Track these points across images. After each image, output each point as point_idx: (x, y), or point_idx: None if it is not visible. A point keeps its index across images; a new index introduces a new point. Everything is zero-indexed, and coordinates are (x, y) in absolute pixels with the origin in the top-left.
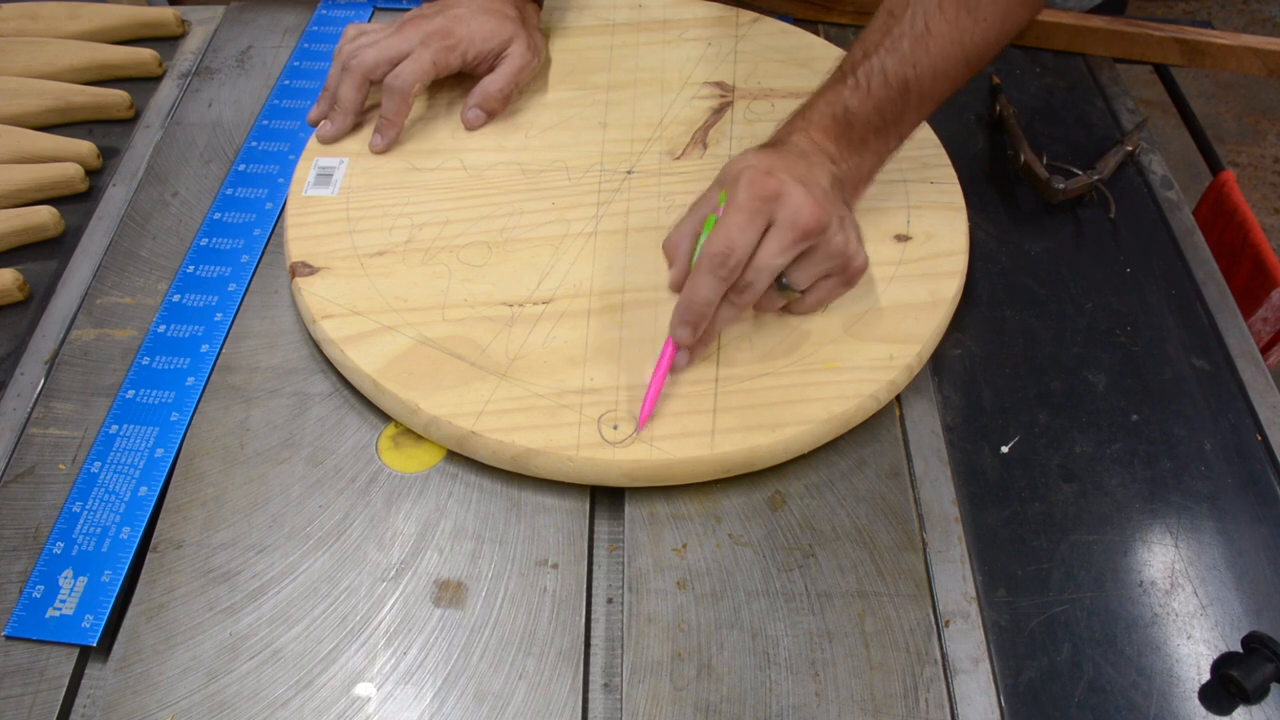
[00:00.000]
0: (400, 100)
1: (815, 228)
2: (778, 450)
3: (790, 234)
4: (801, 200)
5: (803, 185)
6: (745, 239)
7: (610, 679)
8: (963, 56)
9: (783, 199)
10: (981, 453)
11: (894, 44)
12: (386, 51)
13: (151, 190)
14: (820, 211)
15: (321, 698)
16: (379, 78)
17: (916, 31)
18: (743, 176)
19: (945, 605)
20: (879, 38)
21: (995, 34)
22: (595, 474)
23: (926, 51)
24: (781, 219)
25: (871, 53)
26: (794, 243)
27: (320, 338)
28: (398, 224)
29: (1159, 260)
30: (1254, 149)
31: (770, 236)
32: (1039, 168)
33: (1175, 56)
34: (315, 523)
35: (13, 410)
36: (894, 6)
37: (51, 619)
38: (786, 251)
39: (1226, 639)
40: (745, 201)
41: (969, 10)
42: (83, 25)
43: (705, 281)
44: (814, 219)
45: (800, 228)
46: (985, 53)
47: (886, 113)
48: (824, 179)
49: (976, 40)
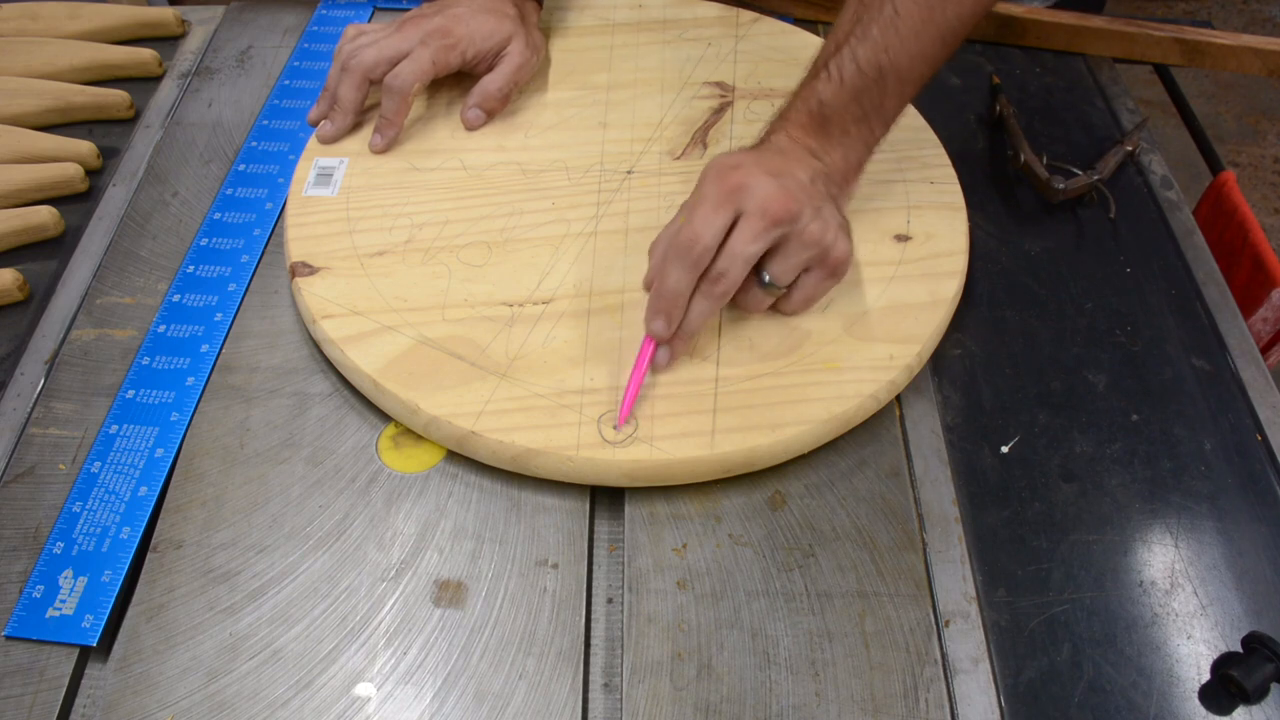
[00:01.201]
0: (400, 100)
1: (784, 216)
2: (778, 450)
3: (759, 222)
4: (768, 190)
5: (771, 176)
6: (709, 228)
7: (610, 679)
8: (937, 35)
9: (748, 189)
10: (981, 453)
11: (864, 31)
12: (386, 51)
13: (151, 190)
14: (788, 200)
15: (321, 698)
16: (378, 77)
17: (885, 17)
18: (709, 171)
19: (945, 605)
20: (849, 27)
21: (969, 9)
22: (595, 474)
23: (897, 34)
24: (750, 208)
25: (843, 43)
26: (764, 230)
27: (320, 338)
28: (398, 224)
29: (1159, 260)
30: (1254, 149)
31: (740, 226)
32: (1039, 168)
33: (1175, 56)
34: (315, 523)
35: (13, 410)
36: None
37: (51, 619)
38: (758, 239)
39: (1226, 639)
40: (710, 193)
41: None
42: (83, 25)
43: (671, 270)
44: (782, 207)
45: (769, 216)
46: (960, 28)
47: (865, 101)
48: (802, 173)
49: (949, 17)
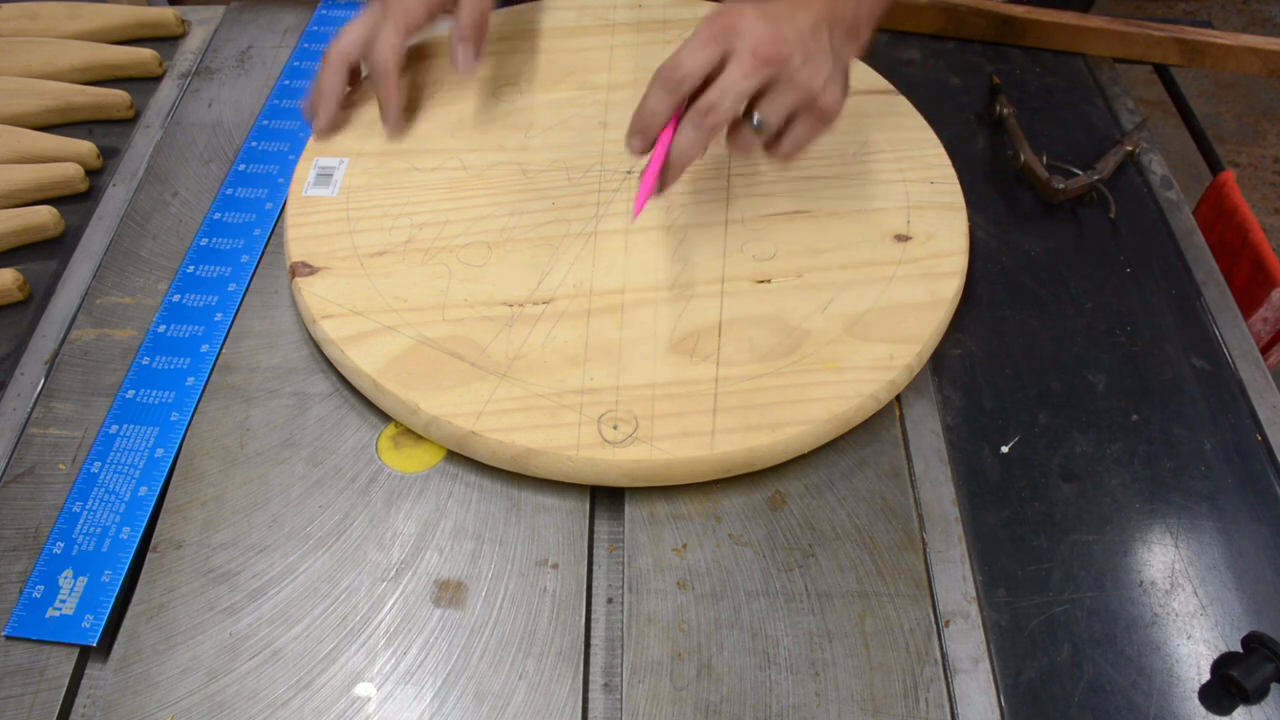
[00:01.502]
0: (386, 77)
1: (774, 55)
2: (778, 450)
3: (749, 60)
4: (759, 31)
5: (764, 20)
6: (696, 61)
7: (610, 679)
8: None
9: (739, 30)
10: (981, 453)
11: None
12: (354, 34)
13: (151, 190)
14: (779, 43)
15: (321, 698)
16: (355, 60)
17: None
18: (707, 14)
19: (945, 605)
20: None
21: None
22: (595, 474)
23: None
24: (740, 47)
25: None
26: (754, 69)
27: (320, 338)
28: (398, 224)
29: (1159, 260)
30: (1254, 149)
31: (730, 64)
32: (1039, 168)
33: (1175, 56)
34: (315, 523)
35: (13, 410)
36: None
37: (51, 619)
38: (749, 77)
39: (1226, 639)
40: (702, 30)
41: None
42: (83, 25)
43: (652, 94)
44: (772, 49)
45: (761, 55)
46: None
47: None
48: (804, 18)
49: None
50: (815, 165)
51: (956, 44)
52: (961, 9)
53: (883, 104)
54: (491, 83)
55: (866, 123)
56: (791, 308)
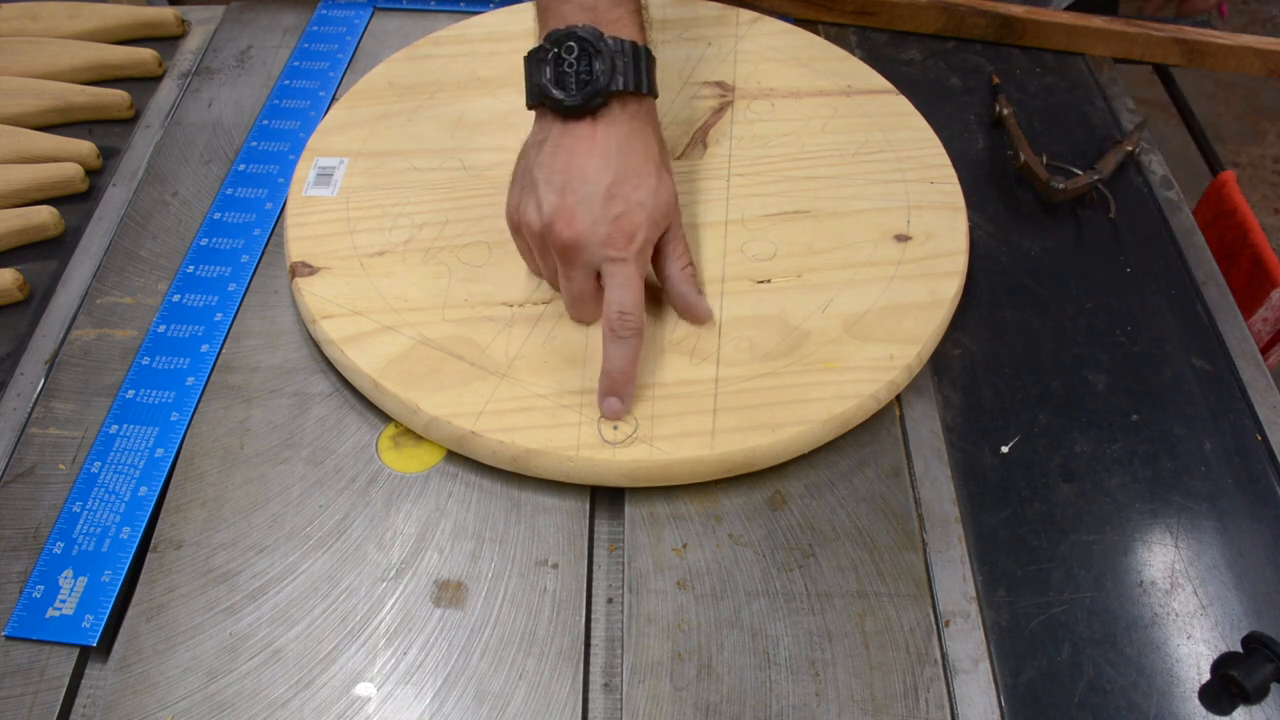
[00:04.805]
0: (635, 349)
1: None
2: (778, 450)
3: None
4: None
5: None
6: (632, 295)
7: (610, 679)
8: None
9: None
10: (981, 453)
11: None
12: (631, 295)
13: (151, 190)
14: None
15: (321, 698)
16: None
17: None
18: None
19: (945, 605)
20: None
21: None
22: (595, 474)
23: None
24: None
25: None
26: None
27: (320, 338)
28: (398, 224)
29: (1159, 260)
30: (1254, 149)
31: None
32: (1039, 168)
33: (1175, 56)
34: (315, 523)
35: (13, 410)
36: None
37: (51, 619)
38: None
39: (1226, 639)
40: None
41: None
42: (83, 25)
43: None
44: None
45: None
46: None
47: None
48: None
49: None
50: (815, 165)
51: (956, 44)
52: (961, 9)
53: (883, 104)
54: (492, 83)
55: (866, 123)
56: (791, 308)
